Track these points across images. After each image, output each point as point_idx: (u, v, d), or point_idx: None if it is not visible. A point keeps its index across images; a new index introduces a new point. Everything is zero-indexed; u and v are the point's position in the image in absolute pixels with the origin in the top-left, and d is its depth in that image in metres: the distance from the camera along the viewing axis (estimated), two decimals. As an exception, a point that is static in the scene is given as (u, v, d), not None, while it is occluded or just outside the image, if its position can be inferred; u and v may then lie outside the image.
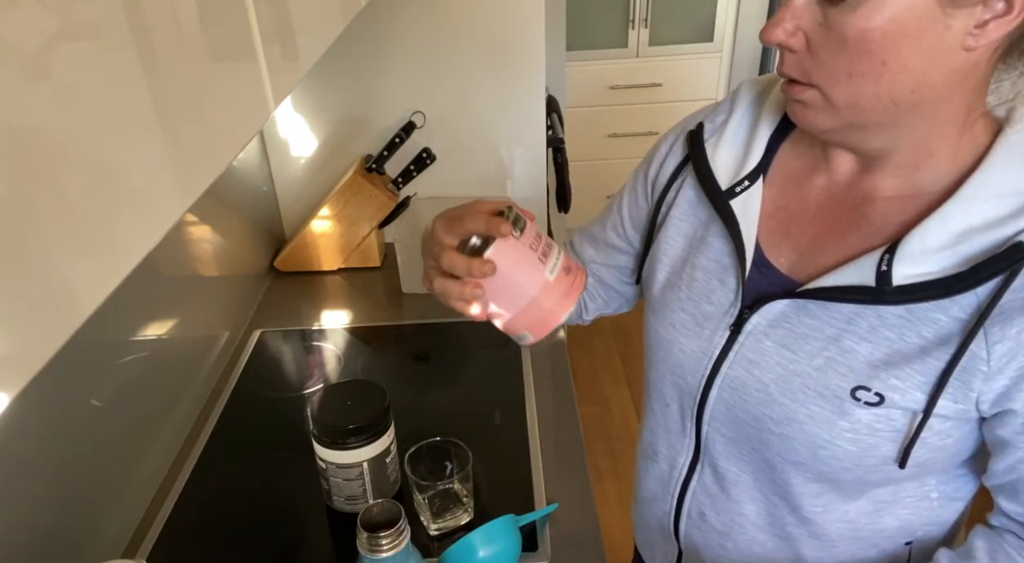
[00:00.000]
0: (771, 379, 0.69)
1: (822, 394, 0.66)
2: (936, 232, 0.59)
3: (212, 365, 1.33)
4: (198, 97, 0.44)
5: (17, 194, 0.28)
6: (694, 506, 0.84)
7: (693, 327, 0.76)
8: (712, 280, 0.74)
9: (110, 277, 0.34)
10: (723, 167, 0.74)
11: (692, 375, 0.77)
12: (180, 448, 1.18)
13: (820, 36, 0.58)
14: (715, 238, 0.75)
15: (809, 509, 0.74)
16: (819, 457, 0.68)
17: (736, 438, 0.75)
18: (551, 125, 1.81)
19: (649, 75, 3.17)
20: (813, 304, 0.67)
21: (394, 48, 1.59)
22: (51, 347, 0.30)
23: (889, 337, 0.63)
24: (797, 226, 0.71)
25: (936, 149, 0.62)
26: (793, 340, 0.68)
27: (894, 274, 0.60)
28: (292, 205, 1.76)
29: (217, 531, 1.02)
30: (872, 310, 0.64)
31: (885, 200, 0.66)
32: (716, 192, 0.73)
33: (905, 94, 0.57)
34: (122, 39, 0.36)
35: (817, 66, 0.59)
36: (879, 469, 0.67)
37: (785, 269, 0.71)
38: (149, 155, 0.38)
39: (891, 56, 0.55)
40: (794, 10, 0.58)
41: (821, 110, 0.61)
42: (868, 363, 0.64)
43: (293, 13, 0.65)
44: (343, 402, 0.98)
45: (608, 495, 2.25)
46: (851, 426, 0.65)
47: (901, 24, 0.54)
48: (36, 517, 0.85)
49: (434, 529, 0.98)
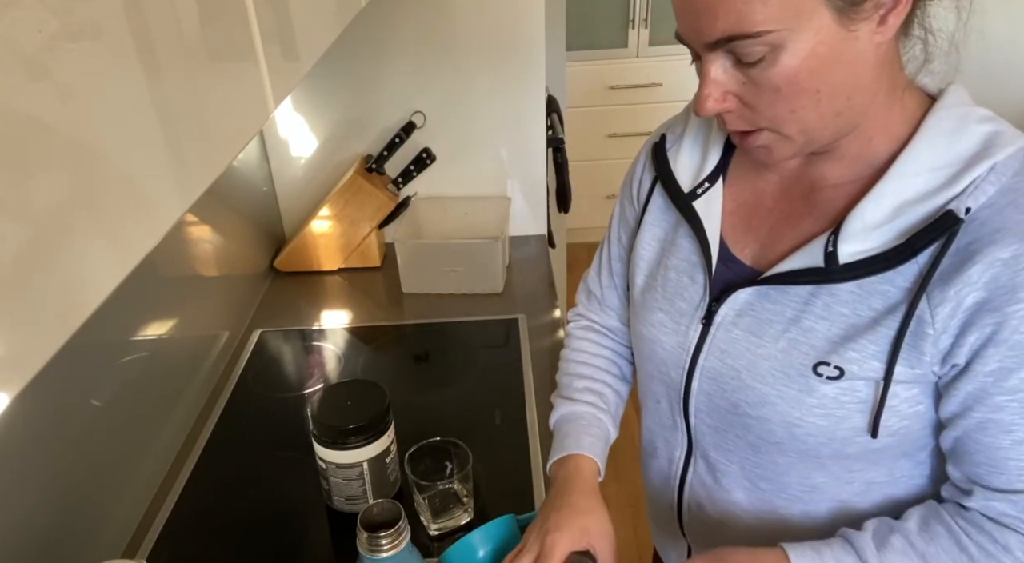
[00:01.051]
0: (742, 366, 0.73)
1: (788, 374, 0.70)
2: (874, 210, 0.64)
3: (212, 365, 1.33)
4: (198, 97, 0.44)
5: (16, 194, 0.28)
6: (692, 498, 0.86)
7: (671, 324, 0.79)
8: (683, 278, 0.78)
9: (110, 277, 0.34)
10: (684, 172, 0.79)
11: (674, 370, 0.80)
12: (180, 448, 1.18)
13: (751, 92, 0.62)
14: (683, 238, 0.79)
15: (797, 490, 0.76)
16: (795, 435, 0.71)
17: (720, 427, 0.78)
18: (551, 125, 1.81)
19: (649, 75, 3.17)
20: (773, 290, 0.71)
21: (394, 48, 1.59)
22: (51, 347, 0.30)
23: (844, 313, 0.67)
24: (756, 219, 0.75)
25: (872, 134, 0.66)
26: (758, 326, 0.72)
27: (840, 253, 0.65)
28: (292, 205, 1.75)
29: (217, 531, 1.02)
30: (826, 289, 0.67)
31: (831, 187, 0.70)
32: (679, 195, 0.78)
33: (843, 104, 0.62)
34: (122, 39, 0.36)
35: (759, 114, 0.63)
36: (853, 441, 0.69)
37: (749, 261, 0.74)
38: (149, 155, 0.38)
39: (821, 83, 0.60)
40: (715, 82, 0.62)
41: (779, 145, 0.65)
42: (827, 340, 0.67)
43: (293, 13, 0.65)
44: (343, 402, 0.98)
45: (608, 495, 2.25)
46: (819, 402, 0.68)
47: (818, 57, 0.58)
48: (36, 517, 0.85)
49: (434, 529, 0.98)
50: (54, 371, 0.89)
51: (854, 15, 0.57)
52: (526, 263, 1.70)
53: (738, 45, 0.59)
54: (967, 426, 0.65)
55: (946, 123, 0.63)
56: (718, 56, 0.61)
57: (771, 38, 0.57)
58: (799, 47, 0.57)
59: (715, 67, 0.62)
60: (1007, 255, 0.59)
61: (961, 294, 0.60)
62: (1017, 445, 0.63)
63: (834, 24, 0.57)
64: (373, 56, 1.59)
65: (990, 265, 0.59)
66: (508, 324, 1.46)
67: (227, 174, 1.45)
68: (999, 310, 0.59)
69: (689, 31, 0.62)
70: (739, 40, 0.58)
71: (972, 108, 0.65)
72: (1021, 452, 0.63)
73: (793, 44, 0.57)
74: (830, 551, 0.67)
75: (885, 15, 0.58)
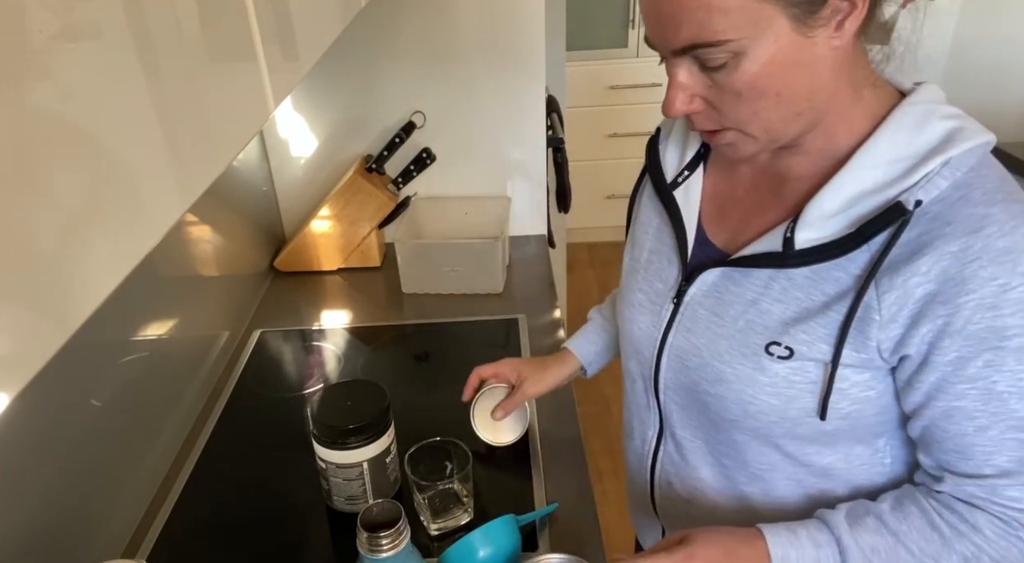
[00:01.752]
0: (703, 344, 0.77)
1: (743, 353, 0.73)
2: (831, 199, 0.67)
3: (212, 365, 1.33)
4: (198, 97, 0.44)
5: (16, 194, 0.28)
6: (663, 476, 0.91)
7: (648, 304, 0.84)
8: (662, 261, 0.83)
9: (110, 277, 0.34)
10: (670, 163, 0.84)
11: (647, 349, 0.84)
12: (180, 448, 1.18)
13: (715, 95, 0.65)
14: (665, 224, 0.84)
15: (756, 467, 0.80)
16: (748, 413, 0.75)
17: (686, 404, 0.82)
18: (551, 125, 1.81)
19: (649, 75, 3.17)
20: (737, 272, 0.74)
21: (394, 48, 1.59)
22: (51, 347, 0.30)
23: (798, 297, 0.70)
24: (729, 207, 0.79)
25: (834, 130, 0.68)
26: (721, 307, 0.76)
27: (796, 239, 0.68)
28: (292, 205, 1.76)
29: (217, 531, 1.02)
30: (783, 274, 0.71)
31: (796, 179, 0.73)
32: (662, 185, 0.83)
33: (803, 105, 0.64)
34: (122, 39, 0.36)
35: (724, 115, 0.66)
36: (803, 422, 0.73)
37: (721, 245, 0.79)
38: (149, 155, 0.39)
39: (781, 87, 0.62)
40: (681, 85, 0.65)
41: (744, 143, 0.68)
42: (781, 321, 0.71)
43: (293, 13, 0.65)
44: (343, 402, 0.98)
45: (608, 495, 2.25)
46: (770, 381, 0.72)
47: (777, 62, 0.61)
48: (36, 517, 0.85)
49: (434, 529, 0.98)
50: (54, 371, 0.89)
51: (811, 22, 0.59)
52: (526, 263, 1.70)
53: (701, 52, 0.61)
54: (932, 415, 0.67)
55: (909, 118, 0.66)
56: (684, 61, 0.64)
57: (732, 46, 0.60)
58: (759, 54, 0.60)
59: (681, 71, 0.64)
60: (955, 248, 0.61)
61: (910, 285, 0.63)
62: (981, 431, 0.65)
63: (792, 31, 0.59)
64: (373, 56, 1.59)
65: (940, 258, 0.62)
66: (508, 324, 1.46)
67: (227, 174, 1.45)
68: (950, 302, 0.62)
69: (656, 37, 0.65)
70: (702, 48, 0.61)
71: (939, 105, 0.67)
72: (985, 438, 0.66)
73: (753, 51, 0.60)
74: (804, 530, 0.69)
75: (841, 21, 0.60)
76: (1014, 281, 0.61)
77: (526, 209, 1.78)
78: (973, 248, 0.61)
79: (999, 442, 0.65)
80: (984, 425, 0.65)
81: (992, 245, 0.61)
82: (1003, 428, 0.65)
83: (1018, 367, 0.63)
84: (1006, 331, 0.62)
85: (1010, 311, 0.61)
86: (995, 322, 0.62)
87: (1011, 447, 0.65)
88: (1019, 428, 0.64)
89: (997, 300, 0.61)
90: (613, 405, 2.61)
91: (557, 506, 1.02)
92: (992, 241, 0.61)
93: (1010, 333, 0.62)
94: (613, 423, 2.53)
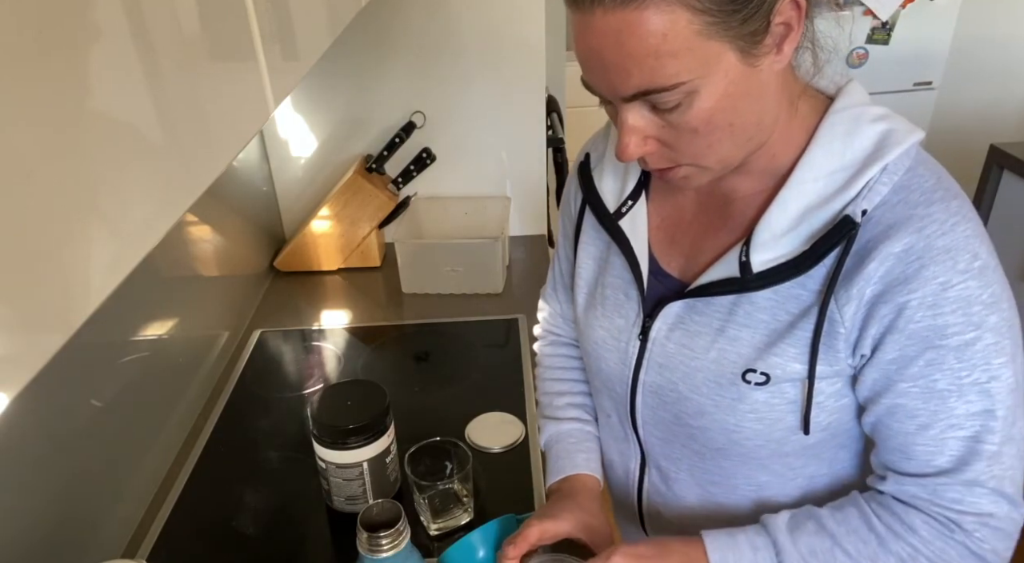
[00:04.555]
0: (679, 378, 0.76)
1: (720, 383, 0.72)
2: (779, 218, 0.67)
3: (212, 365, 1.33)
4: (198, 97, 0.44)
5: (16, 195, 0.28)
6: (650, 506, 0.90)
7: (611, 341, 0.81)
8: (619, 295, 0.81)
9: (110, 277, 0.34)
10: (609, 192, 0.81)
11: (619, 386, 0.82)
12: (180, 448, 1.18)
13: (669, 134, 0.63)
14: (615, 256, 0.81)
15: (745, 490, 0.80)
16: (734, 441, 0.74)
17: (667, 438, 0.81)
18: (551, 125, 1.81)
19: (649, 75, 3.16)
20: (699, 302, 0.73)
21: (394, 48, 1.59)
22: (51, 347, 0.30)
23: (764, 320, 0.70)
24: (679, 233, 0.78)
25: (776, 148, 0.68)
26: (689, 338, 0.74)
27: (752, 262, 0.68)
28: (292, 205, 1.75)
29: (217, 531, 1.02)
30: (746, 298, 0.70)
31: (742, 199, 0.72)
32: (605, 215, 0.80)
33: (753, 130, 0.64)
34: (122, 39, 0.36)
35: (679, 152, 0.65)
36: (789, 440, 0.73)
37: (677, 273, 0.77)
38: (149, 155, 0.39)
39: (734, 117, 0.62)
40: (632, 128, 0.63)
41: (698, 175, 0.67)
42: (752, 347, 0.70)
43: (293, 13, 0.65)
44: (343, 402, 0.98)
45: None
46: (751, 407, 0.71)
47: (728, 95, 0.60)
48: (36, 517, 0.85)
49: (434, 529, 0.98)
50: (54, 371, 0.89)
51: (755, 52, 0.59)
52: (526, 263, 1.70)
53: (654, 97, 0.60)
54: (878, 412, 0.68)
55: (839, 127, 0.66)
56: (634, 106, 0.62)
57: (685, 87, 0.59)
58: (711, 90, 0.59)
59: (632, 115, 0.62)
60: (899, 249, 0.62)
61: (862, 290, 0.64)
62: (922, 430, 0.66)
63: (739, 64, 0.59)
64: (373, 56, 1.59)
65: (884, 259, 0.63)
66: (508, 324, 1.46)
67: (227, 174, 1.45)
68: (893, 301, 0.63)
69: (601, 85, 0.62)
70: (654, 94, 0.59)
71: (865, 108, 0.67)
72: (926, 437, 0.66)
73: (705, 89, 0.59)
74: (744, 535, 0.70)
75: (781, 44, 0.60)
76: (954, 279, 0.62)
77: (526, 209, 1.78)
78: (915, 248, 0.62)
79: (940, 442, 0.66)
80: (925, 423, 0.66)
81: (933, 244, 0.62)
82: (943, 427, 0.65)
83: (958, 365, 0.63)
84: (946, 329, 0.62)
85: (950, 309, 0.62)
86: (935, 320, 0.62)
87: (952, 447, 0.65)
88: (959, 426, 0.65)
89: (937, 299, 0.62)
90: (613, 405, 2.60)
91: (557, 506, 1.02)
92: (932, 240, 0.62)
93: (950, 332, 0.62)
94: (613, 423, 2.53)
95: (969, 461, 0.65)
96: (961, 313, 0.62)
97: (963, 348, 0.63)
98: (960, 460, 0.65)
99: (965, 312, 0.62)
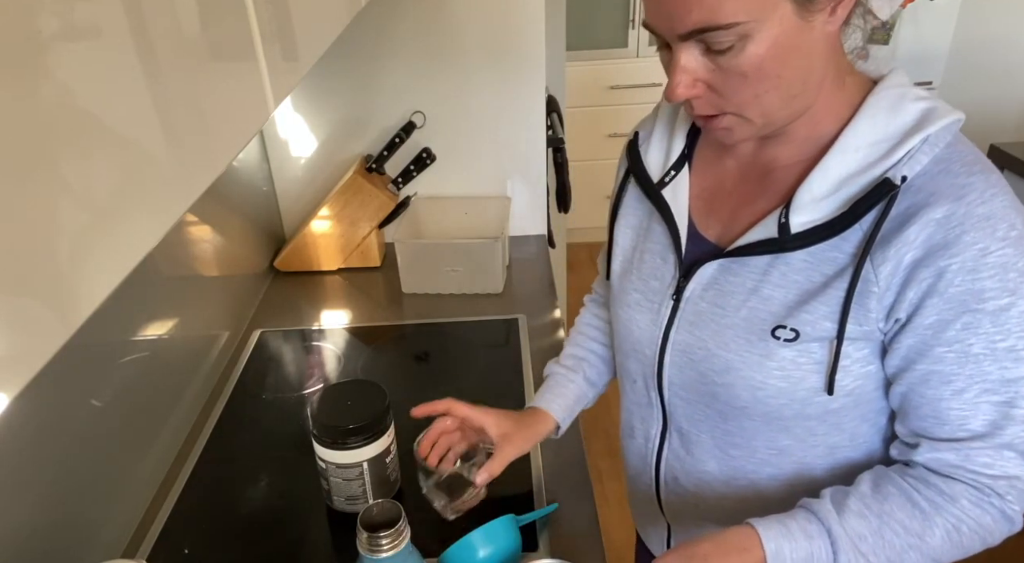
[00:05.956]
0: (708, 336, 0.78)
1: (750, 340, 0.75)
2: (820, 183, 0.69)
3: (212, 365, 1.33)
4: (198, 97, 0.44)
5: (16, 195, 0.28)
6: (668, 472, 0.91)
7: (645, 304, 0.85)
8: (656, 260, 0.84)
9: (110, 277, 0.34)
10: (654, 164, 0.85)
11: (649, 347, 0.85)
12: (180, 448, 1.18)
13: (719, 78, 0.66)
14: (656, 224, 0.85)
15: (765, 453, 0.81)
16: (758, 398, 0.76)
17: (691, 399, 0.83)
18: (551, 125, 1.81)
19: (649, 75, 3.17)
20: (735, 263, 0.76)
21: (394, 48, 1.59)
22: (51, 347, 0.30)
23: (798, 280, 0.72)
24: (719, 202, 0.81)
25: (820, 116, 0.71)
26: (722, 298, 0.77)
27: (791, 223, 0.70)
28: (292, 205, 1.75)
29: (217, 531, 1.02)
30: (781, 259, 0.73)
31: (783, 168, 0.75)
32: (649, 185, 0.84)
33: (799, 88, 0.67)
34: (122, 39, 0.36)
35: (725, 99, 0.67)
36: (812, 401, 0.74)
37: (714, 239, 0.80)
38: (149, 155, 0.39)
39: (783, 69, 0.65)
40: (684, 69, 0.66)
41: (741, 128, 0.70)
42: (784, 306, 0.73)
43: (293, 13, 0.65)
44: (343, 402, 0.98)
45: (608, 495, 2.25)
46: (778, 364, 0.74)
47: (780, 45, 0.63)
48: (36, 517, 0.85)
49: (451, 513, 0.96)
50: (54, 371, 0.89)
51: (811, 7, 0.62)
52: (526, 263, 1.70)
53: (709, 36, 0.63)
54: (911, 380, 0.70)
55: (884, 101, 0.69)
56: (689, 46, 0.65)
57: (740, 29, 0.61)
58: (764, 36, 0.62)
59: (686, 55, 0.65)
60: (940, 215, 0.64)
61: (901, 253, 0.66)
62: (957, 395, 0.68)
63: (794, 15, 0.62)
64: (373, 56, 1.59)
65: (925, 225, 0.65)
66: (508, 324, 1.46)
67: (227, 174, 1.45)
68: (934, 265, 0.65)
69: (661, 22, 0.65)
70: (711, 31, 0.62)
71: (910, 88, 0.70)
72: (961, 401, 0.68)
73: (759, 34, 0.62)
74: (795, 522, 0.70)
75: (835, 6, 0.63)
76: (992, 246, 0.64)
77: (526, 209, 1.78)
78: (956, 215, 0.64)
79: (974, 406, 0.67)
80: (960, 388, 0.67)
81: (972, 212, 0.64)
82: (978, 391, 0.67)
83: (993, 330, 0.65)
84: (984, 294, 0.64)
85: (988, 274, 0.64)
86: (974, 285, 0.64)
87: (985, 411, 0.67)
88: (993, 391, 0.67)
89: (976, 264, 0.64)
90: (613, 405, 2.60)
91: (557, 506, 1.02)
92: (973, 208, 0.64)
93: (987, 296, 0.64)
94: (613, 423, 2.53)
95: (1003, 426, 0.67)
96: (998, 279, 0.64)
97: (999, 313, 0.65)
98: (993, 424, 0.67)
99: (1002, 278, 0.64)
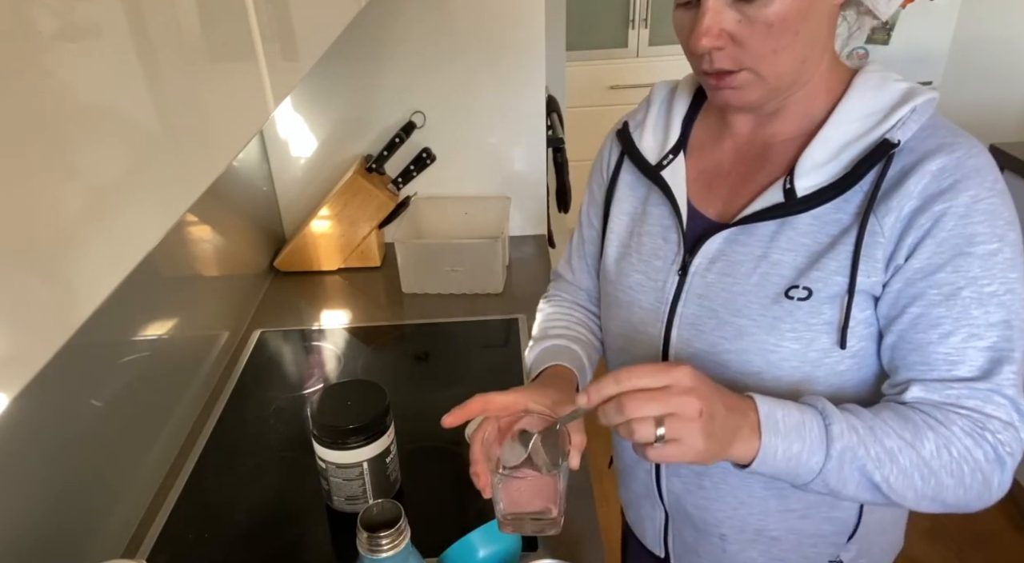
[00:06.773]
0: (719, 305, 0.80)
1: (763, 304, 0.77)
2: (821, 150, 0.74)
3: (212, 365, 1.33)
4: (198, 97, 0.44)
5: (16, 195, 0.28)
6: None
7: (648, 283, 0.86)
8: (657, 240, 0.86)
9: (110, 277, 0.34)
10: (649, 149, 0.88)
11: (653, 326, 0.86)
12: (180, 447, 1.18)
13: (744, 29, 0.69)
14: (654, 207, 0.87)
15: None
16: (770, 362, 0.77)
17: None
18: (551, 125, 1.81)
19: (649, 75, 3.16)
20: (742, 233, 0.79)
21: (394, 48, 1.59)
22: (51, 347, 0.30)
23: (805, 243, 0.75)
24: (717, 182, 0.84)
25: (816, 93, 0.77)
26: (731, 267, 0.79)
27: (797, 188, 0.74)
28: (292, 205, 1.75)
29: (217, 531, 1.02)
30: (788, 224, 0.76)
31: (781, 143, 0.79)
32: (648, 168, 0.87)
33: (808, 52, 0.72)
34: (122, 39, 0.36)
35: (745, 53, 0.70)
36: (822, 363, 0.76)
37: (714, 217, 0.83)
38: (149, 155, 0.38)
39: (801, 26, 0.69)
40: (714, 15, 0.69)
41: (752, 87, 0.73)
42: (794, 269, 0.76)
43: (293, 13, 0.65)
44: (343, 402, 0.98)
45: (608, 495, 2.25)
46: (791, 326, 0.76)
47: (802, 0, 0.68)
48: (36, 517, 0.85)
49: None
50: (54, 371, 0.88)
51: None
52: (526, 263, 1.70)
53: None
54: (900, 328, 0.73)
55: (871, 82, 0.75)
56: None
57: None
58: None
59: (716, 2, 0.69)
60: (935, 167, 0.70)
61: (902, 204, 0.70)
62: (944, 338, 0.70)
63: None
64: (373, 56, 1.59)
65: (922, 176, 0.70)
66: (508, 324, 1.46)
67: (227, 174, 1.45)
68: (930, 210, 0.69)
69: None
70: None
71: (889, 73, 0.77)
72: (948, 345, 0.70)
73: None
74: (793, 404, 0.71)
75: None
76: (982, 194, 0.69)
77: (526, 209, 1.78)
78: (948, 166, 0.69)
79: (961, 351, 0.70)
80: (947, 332, 0.70)
81: (963, 164, 0.69)
82: (965, 335, 0.69)
83: (981, 274, 0.68)
84: (975, 238, 0.68)
85: (978, 219, 0.68)
86: (966, 229, 0.68)
87: (972, 356, 0.70)
88: (979, 336, 0.69)
89: (968, 210, 0.68)
90: (613, 405, 2.60)
91: (557, 506, 1.02)
92: (964, 160, 0.70)
93: (978, 240, 0.68)
94: (613, 423, 2.53)
95: (991, 372, 0.69)
96: (988, 224, 0.68)
97: (987, 257, 0.68)
98: (980, 369, 0.70)
99: (991, 223, 0.68)
